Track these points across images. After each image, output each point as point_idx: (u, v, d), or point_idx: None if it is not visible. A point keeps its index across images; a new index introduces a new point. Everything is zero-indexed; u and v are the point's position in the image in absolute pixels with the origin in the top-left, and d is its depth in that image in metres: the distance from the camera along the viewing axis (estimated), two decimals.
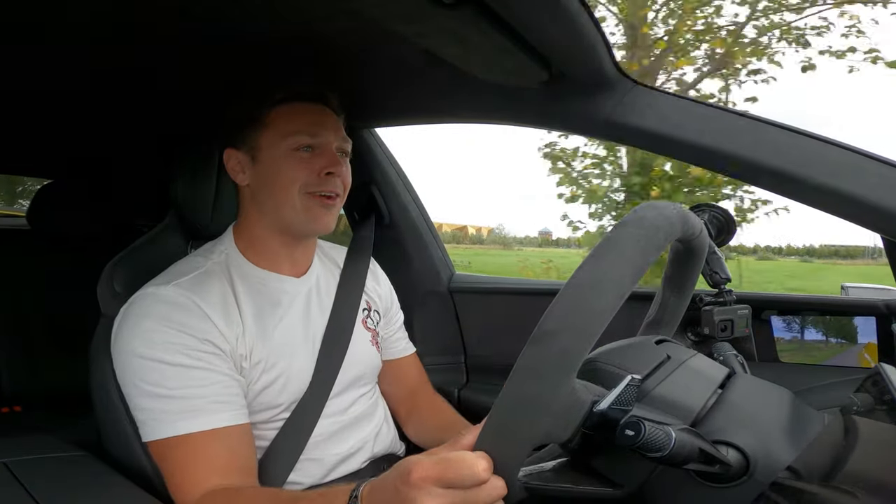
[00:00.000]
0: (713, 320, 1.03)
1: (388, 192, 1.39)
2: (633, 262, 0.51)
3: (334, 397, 0.93)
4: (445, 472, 0.51)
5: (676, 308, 0.78)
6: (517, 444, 0.50)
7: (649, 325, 0.80)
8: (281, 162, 0.89)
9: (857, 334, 1.04)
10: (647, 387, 0.58)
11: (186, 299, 0.81)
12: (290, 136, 0.88)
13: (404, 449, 1.08)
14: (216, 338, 0.81)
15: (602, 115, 0.79)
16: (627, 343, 0.68)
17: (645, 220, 0.55)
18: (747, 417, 0.56)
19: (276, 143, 0.89)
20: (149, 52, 0.95)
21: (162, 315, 0.80)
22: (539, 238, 29.85)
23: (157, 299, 0.82)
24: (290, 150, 0.88)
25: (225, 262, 0.91)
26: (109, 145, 1.65)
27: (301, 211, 0.89)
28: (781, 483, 0.50)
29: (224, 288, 0.87)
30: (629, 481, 0.56)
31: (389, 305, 1.13)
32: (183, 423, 0.77)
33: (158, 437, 0.77)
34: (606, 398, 0.52)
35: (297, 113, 0.90)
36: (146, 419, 0.79)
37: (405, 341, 1.16)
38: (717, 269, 1.04)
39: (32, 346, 1.71)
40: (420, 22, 0.66)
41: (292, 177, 0.88)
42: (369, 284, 1.09)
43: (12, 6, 0.76)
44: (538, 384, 0.49)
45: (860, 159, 0.64)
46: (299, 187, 0.88)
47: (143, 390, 0.78)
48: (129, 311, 0.83)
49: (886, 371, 0.57)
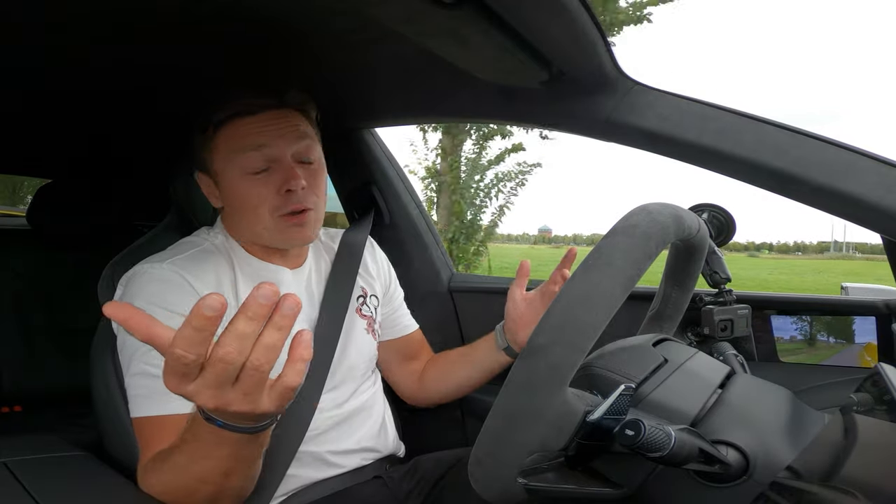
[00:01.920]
0: (713, 320, 1.02)
1: (388, 192, 1.39)
2: (624, 273, 0.51)
3: (330, 391, 0.93)
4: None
5: (679, 302, 0.78)
6: (513, 452, 0.51)
7: (652, 319, 0.80)
8: (239, 187, 0.85)
9: (856, 334, 1.05)
10: (642, 392, 0.58)
11: (179, 277, 0.81)
12: (238, 158, 0.84)
13: (404, 449, 1.09)
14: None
15: (602, 115, 0.79)
16: (625, 345, 0.67)
17: (636, 229, 0.54)
18: (747, 417, 0.56)
19: (227, 167, 0.85)
20: (148, 52, 0.95)
21: (152, 295, 0.79)
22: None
23: (150, 278, 0.81)
24: (243, 173, 0.84)
25: (223, 244, 0.91)
26: (109, 145, 1.65)
27: (275, 232, 0.87)
28: (781, 483, 0.50)
29: (222, 266, 0.86)
30: (629, 482, 0.56)
31: (388, 282, 1.12)
32: (166, 405, 0.75)
33: (141, 415, 0.77)
34: (599, 408, 0.52)
35: (241, 129, 0.84)
36: (134, 395, 0.78)
37: (408, 318, 1.15)
38: (717, 269, 1.04)
39: (32, 346, 1.71)
40: (420, 22, 0.66)
41: (256, 201, 0.84)
42: (366, 265, 1.07)
43: (12, 6, 0.76)
44: (530, 397, 0.49)
45: (860, 159, 0.64)
46: (267, 209, 0.85)
47: (135, 368, 0.78)
48: (128, 285, 0.82)
49: (886, 371, 0.57)
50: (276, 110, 0.87)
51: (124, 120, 1.40)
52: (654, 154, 0.78)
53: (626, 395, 0.53)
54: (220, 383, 0.49)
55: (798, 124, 0.69)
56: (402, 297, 1.16)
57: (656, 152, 0.77)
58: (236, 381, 0.50)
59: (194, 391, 0.50)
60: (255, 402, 0.52)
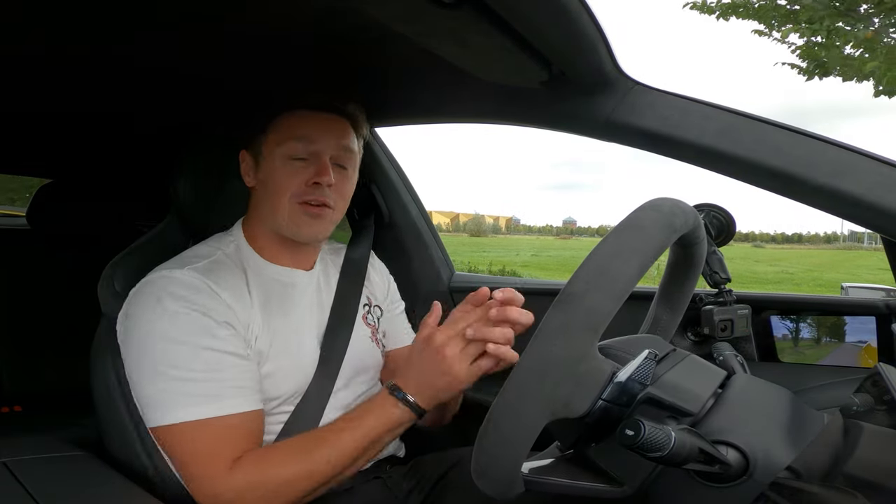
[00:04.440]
0: (713, 320, 1.03)
1: (388, 192, 1.39)
2: (653, 237, 0.54)
3: (338, 391, 0.94)
4: (456, 325, 0.79)
5: (668, 325, 0.79)
6: (539, 407, 0.50)
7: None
8: (276, 169, 0.90)
9: (857, 334, 1.04)
10: (658, 371, 0.58)
11: (202, 283, 0.82)
12: (284, 145, 0.89)
13: (404, 450, 1.09)
14: (233, 320, 0.82)
15: (602, 115, 0.79)
16: (635, 336, 0.69)
17: (663, 206, 0.57)
18: (747, 417, 0.56)
19: (273, 150, 0.90)
20: (150, 53, 0.95)
21: (182, 296, 0.80)
22: (558, 227, 30.00)
23: (172, 281, 0.82)
24: (284, 158, 0.89)
25: (235, 252, 0.92)
26: (109, 145, 1.65)
27: (288, 218, 0.89)
28: (781, 483, 0.50)
29: (237, 275, 0.88)
30: (631, 479, 0.56)
31: (386, 294, 1.13)
32: (205, 408, 0.77)
33: (175, 422, 0.77)
34: (625, 368, 0.55)
35: (295, 121, 0.90)
36: (162, 401, 0.78)
37: (407, 331, 1.15)
38: (717, 269, 1.04)
39: (32, 346, 1.71)
40: (420, 22, 0.66)
41: (284, 185, 0.89)
42: (369, 275, 1.10)
43: (12, 6, 0.76)
44: (564, 343, 0.50)
45: (860, 159, 0.64)
46: (290, 196, 0.89)
47: (162, 373, 0.77)
48: (143, 292, 0.82)
49: (886, 371, 0.57)
50: (332, 114, 0.93)
51: (125, 120, 1.40)
52: (654, 154, 0.78)
53: (651, 360, 0.54)
54: (469, 353, 0.78)
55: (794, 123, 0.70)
56: (403, 310, 1.17)
57: (656, 152, 0.77)
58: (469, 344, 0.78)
59: (455, 341, 0.78)
60: (468, 365, 0.78)
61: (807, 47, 5.69)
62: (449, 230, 69.63)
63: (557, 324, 0.50)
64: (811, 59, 5.76)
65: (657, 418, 0.54)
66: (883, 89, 5.40)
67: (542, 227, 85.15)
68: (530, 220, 56.55)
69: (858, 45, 5.41)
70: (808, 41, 5.66)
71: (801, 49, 5.75)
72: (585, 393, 0.53)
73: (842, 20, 5.36)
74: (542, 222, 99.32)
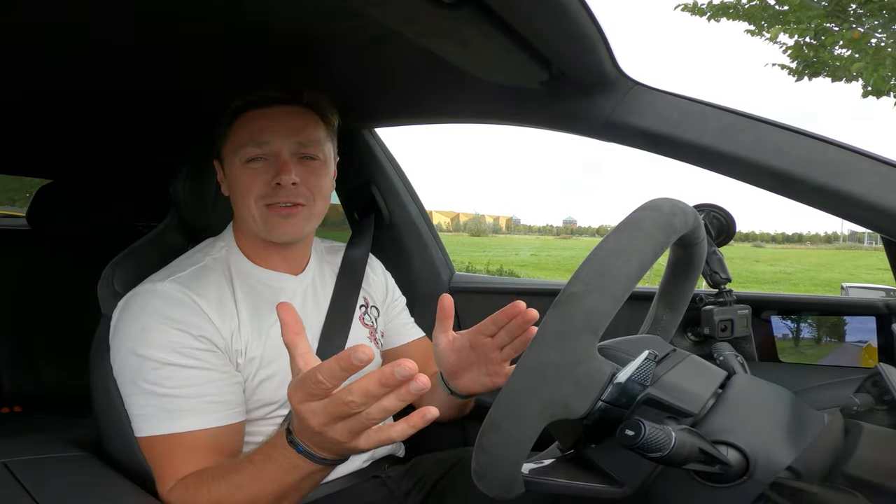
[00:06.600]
0: (713, 320, 1.03)
1: (388, 192, 1.39)
2: (653, 237, 0.54)
3: None
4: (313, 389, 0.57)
5: (668, 325, 0.79)
6: (538, 408, 0.50)
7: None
8: (236, 175, 0.88)
9: (857, 334, 1.05)
10: (658, 372, 0.58)
11: (183, 295, 0.82)
12: (239, 149, 0.87)
13: (403, 450, 1.09)
14: (212, 334, 0.82)
15: (602, 115, 0.79)
16: (634, 337, 0.69)
17: (663, 206, 0.57)
18: (747, 417, 0.56)
19: (230, 156, 0.89)
20: (148, 52, 0.95)
21: (159, 312, 0.80)
22: (558, 227, 29.95)
23: (154, 295, 0.82)
24: (242, 162, 0.87)
25: (224, 258, 0.92)
26: (109, 145, 1.65)
27: (260, 222, 0.88)
28: (781, 483, 0.50)
29: (221, 283, 0.87)
30: (631, 479, 0.56)
31: (385, 293, 1.13)
32: (178, 422, 0.78)
33: (152, 434, 0.78)
34: (625, 369, 0.54)
35: (247, 122, 0.88)
36: (141, 415, 0.80)
37: (411, 326, 1.15)
38: (717, 269, 1.04)
39: (32, 346, 1.71)
40: (420, 22, 0.66)
41: (246, 189, 0.87)
42: (367, 276, 1.09)
43: (12, 6, 0.76)
44: (564, 345, 0.50)
45: (860, 159, 0.64)
46: (254, 199, 0.87)
47: (140, 388, 0.79)
48: (127, 307, 0.84)
49: (886, 371, 0.57)
50: (287, 106, 0.89)
51: (125, 120, 1.40)
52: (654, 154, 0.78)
53: (650, 361, 0.54)
54: (334, 417, 0.58)
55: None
56: (404, 305, 1.16)
57: (656, 152, 0.77)
58: (348, 418, 0.58)
59: (310, 410, 0.58)
60: (354, 439, 0.59)
61: (796, 47, 5.71)
62: (449, 230, 69.70)
63: (557, 325, 0.50)
64: (800, 59, 5.78)
65: (657, 419, 0.54)
66: (871, 89, 5.40)
67: (542, 226, 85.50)
68: (531, 219, 56.40)
69: (846, 46, 5.44)
70: (797, 41, 5.68)
71: (790, 49, 5.76)
72: (585, 394, 0.53)
73: (829, 21, 5.39)
74: (543, 222, 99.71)
